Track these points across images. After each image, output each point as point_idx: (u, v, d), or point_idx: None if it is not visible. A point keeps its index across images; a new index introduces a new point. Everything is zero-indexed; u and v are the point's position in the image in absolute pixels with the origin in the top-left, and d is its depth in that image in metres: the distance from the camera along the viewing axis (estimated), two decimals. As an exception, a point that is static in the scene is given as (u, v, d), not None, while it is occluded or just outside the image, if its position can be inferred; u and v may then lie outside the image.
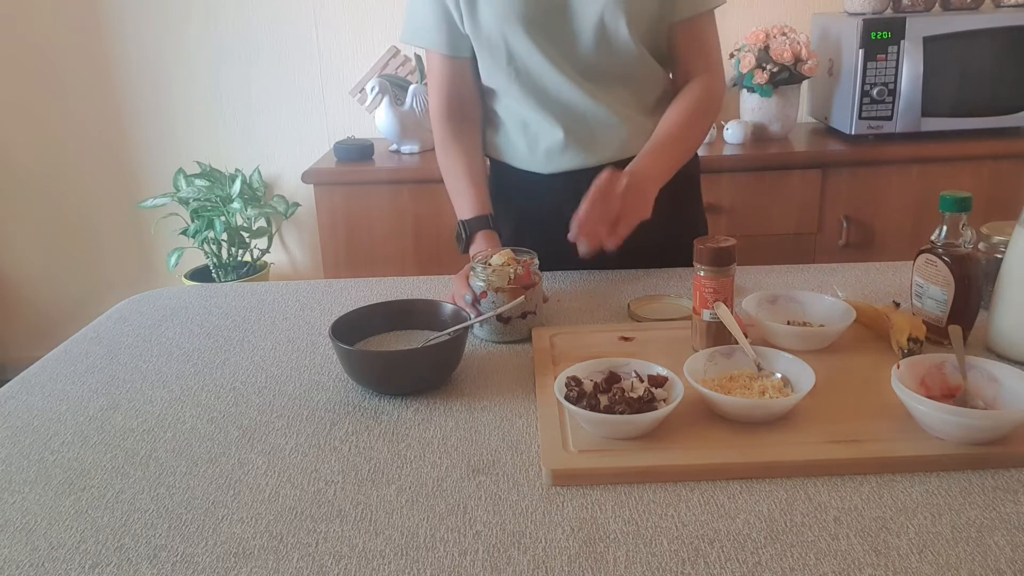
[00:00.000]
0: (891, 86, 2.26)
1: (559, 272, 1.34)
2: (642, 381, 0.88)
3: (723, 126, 2.43)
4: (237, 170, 2.78)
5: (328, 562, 0.68)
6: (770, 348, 0.94)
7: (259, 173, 2.79)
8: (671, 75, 1.33)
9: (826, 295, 1.08)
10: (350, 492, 0.77)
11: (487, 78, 1.30)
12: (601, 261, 1.30)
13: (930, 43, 2.22)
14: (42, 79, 2.79)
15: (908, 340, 0.96)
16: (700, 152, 2.30)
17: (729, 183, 2.30)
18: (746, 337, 0.94)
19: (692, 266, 1.01)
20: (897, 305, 1.09)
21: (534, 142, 1.30)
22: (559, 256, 1.32)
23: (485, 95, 1.33)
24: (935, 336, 0.99)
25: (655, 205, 1.24)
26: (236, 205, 2.66)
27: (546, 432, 0.83)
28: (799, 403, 0.84)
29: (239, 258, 2.78)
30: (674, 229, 1.34)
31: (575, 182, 1.28)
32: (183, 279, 2.78)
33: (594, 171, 1.26)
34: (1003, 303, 0.97)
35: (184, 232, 2.70)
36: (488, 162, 1.38)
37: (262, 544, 0.70)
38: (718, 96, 1.29)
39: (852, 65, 2.28)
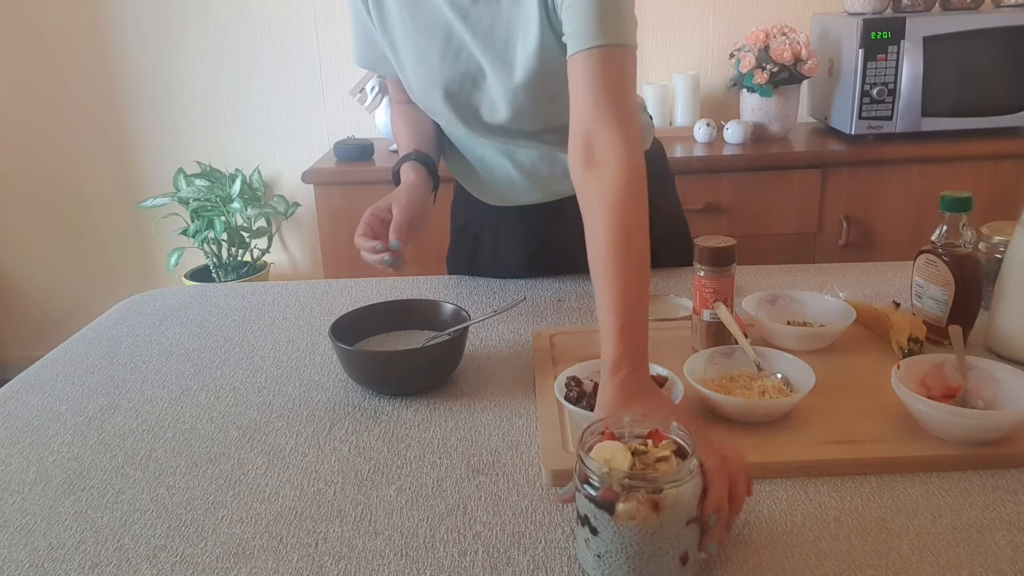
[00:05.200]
0: (891, 86, 2.26)
1: (560, 274, 1.34)
2: (642, 381, 0.88)
3: (723, 126, 2.43)
4: (237, 170, 2.77)
5: (328, 562, 0.68)
6: (770, 348, 0.94)
7: (259, 173, 2.79)
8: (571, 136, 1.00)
9: (826, 295, 1.08)
10: (350, 492, 0.77)
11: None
12: (571, 264, 1.32)
13: (930, 43, 2.22)
14: (43, 79, 2.79)
15: (908, 340, 0.96)
16: (699, 152, 2.34)
17: (729, 183, 2.30)
18: (746, 337, 0.94)
19: (691, 266, 1.01)
20: (897, 305, 1.09)
21: (477, 178, 1.29)
22: (518, 265, 1.34)
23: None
24: (935, 336, 0.99)
25: None
26: (236, 205, 2.66)
27: (546, 432, 0.83)
28: (799, 403, 0.84)
29: (239, 258, 2.78)
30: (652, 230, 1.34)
31: (531, 211, 1.29)
32: (183, 279, 2.78)
33: (545, 205, 1.27)
34: (1003, 303, 0.97)
35: (184, 232, 2.70)
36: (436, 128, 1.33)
37: (262, 544, 0.70)
38: (639, 189, 0.90)
39: (852, 65, 2.28)
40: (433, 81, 1.14)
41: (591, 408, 0.82)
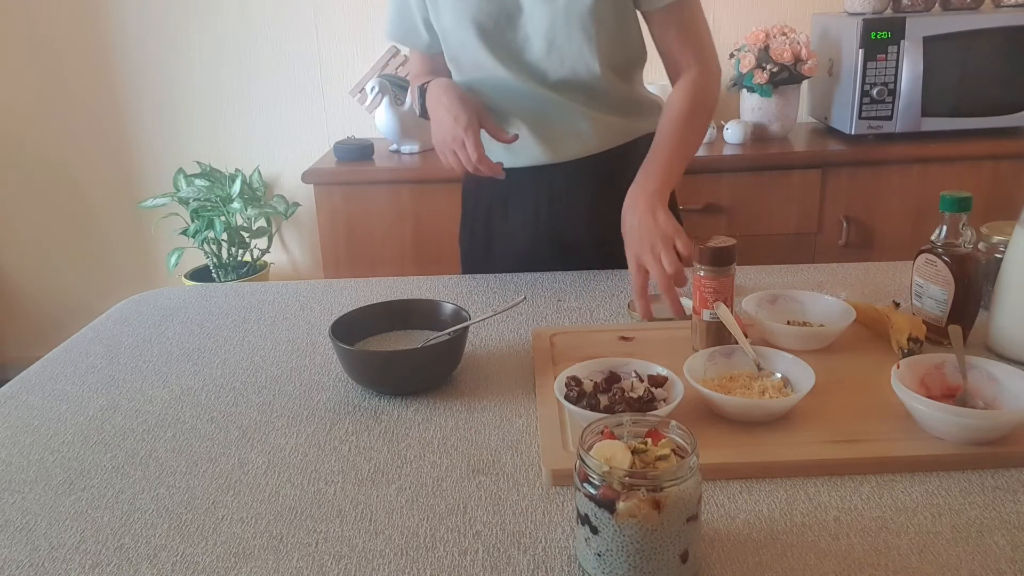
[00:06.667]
0: (891, 86, 2.26)
1: (559, 273, 1.34)
2: (642, 381, 0.88)
3: (723, 126, 2.43)
4: (237, 170, 2.77)
5: (328, 562, 0.68)
6: (770, 348, 0.94)
7: (259, 173, 2.79)
8: (665, 66, 1.30)
9: (826, 295, 1.08)
10: (350, 492, 0.77)
11: (455, 74, 1.33)
12: (580, 228, 1.34)
13: (930, 43, 2.22)
14: (43, 79, 2.79)
15: (908, 340, 0.96)
16: (700, 152, 2.33)
17: (729, 183, 2.30)
18: (746, 337, 0.94)
19: (688, 266, 1.01)
20: (897, 305, 1.09)
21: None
22: (526, 254, 1.37)
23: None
24: (935, 336, 0.99)
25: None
26: (236, 205, 2.66)
27: (546, 432, 0.84)
28: (799, 403, 0.84)
29: (239, 258, 2.78)
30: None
31: (539, 176, 1.32)
32: (183, 279, 2.78)
33: (558, 167, 1.31)
34: (1003, 303, 0.97)
35: (184, 232, 2.70)
36: None
37: (262, 544, 0.70)
38: (712, 90, 1.27)
39: (852, 65, 2.28)
40: (469, 20, 1.20)
41: (591, 408, 0.82)
